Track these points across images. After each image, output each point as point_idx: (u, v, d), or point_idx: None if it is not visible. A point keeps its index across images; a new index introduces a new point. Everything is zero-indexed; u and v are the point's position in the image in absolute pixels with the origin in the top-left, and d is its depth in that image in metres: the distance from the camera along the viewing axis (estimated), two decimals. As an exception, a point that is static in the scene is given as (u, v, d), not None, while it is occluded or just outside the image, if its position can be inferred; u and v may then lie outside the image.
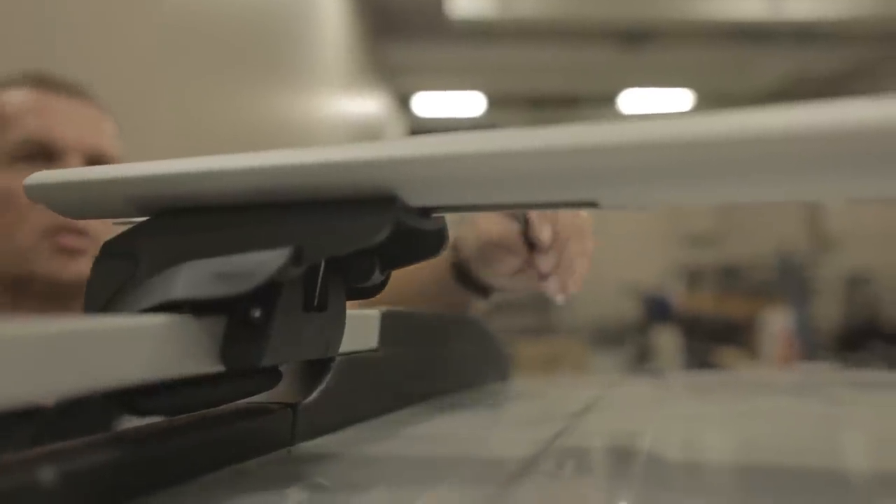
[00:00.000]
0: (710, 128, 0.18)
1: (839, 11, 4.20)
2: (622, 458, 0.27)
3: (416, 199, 0.22)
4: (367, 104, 4.40)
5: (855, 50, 4.47)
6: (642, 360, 3.85)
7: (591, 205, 0.21)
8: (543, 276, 0.45)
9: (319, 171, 0.21)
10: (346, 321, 0.28)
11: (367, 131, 4.15)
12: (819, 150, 0.17)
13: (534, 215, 0.44)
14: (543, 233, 0.44)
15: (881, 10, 4.07)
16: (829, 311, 4.85)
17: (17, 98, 0.64)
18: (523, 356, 3.14)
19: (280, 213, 0.22)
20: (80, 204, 0.26)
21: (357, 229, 0.21)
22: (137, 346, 0.19)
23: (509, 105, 5.40)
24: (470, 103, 5.33)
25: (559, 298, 0.47)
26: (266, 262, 0.21)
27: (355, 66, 3.96)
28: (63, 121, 0.64)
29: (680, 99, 5.20)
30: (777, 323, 3.44)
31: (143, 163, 0.24)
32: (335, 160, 0.21)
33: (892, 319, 4.84)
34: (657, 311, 4.27)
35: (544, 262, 0.45)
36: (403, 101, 5.50)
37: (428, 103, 5.45)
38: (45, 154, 0.61)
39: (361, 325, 0.33)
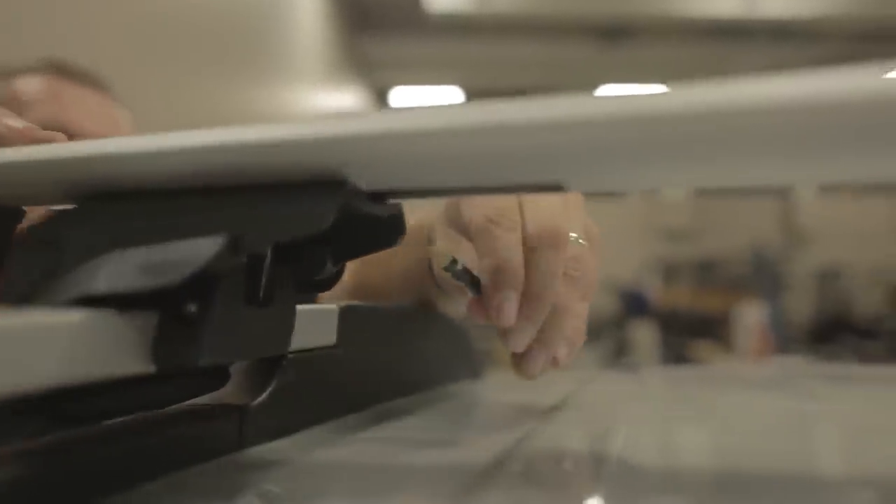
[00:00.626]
0: (685, 99, 0.16)
1: (814, 9, 4.26)
2: (592, 461, 0.26)
3: (366, 182, 0.20)
4: (344, 99, 4.37)
5: (829, 48, 4.53)
6: (619, 354, 3.87)
7: (557, 188, 0.20)
8: (515, 357, 0.31)
9: (258, 151, 0.19)
10: (303, 316, 0.26)
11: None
12: (806, 121, 0.16)
13: (490, 284, 0.29)
14: (503, 314, 0.28)
15: (855, 9, 4.13)
16: (801, 305, 4.94)
17: (32, 85, 0.63)
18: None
19: (216, 199, 0.20)
20: (2, 188, 0.24)
21: (300, 215, 0.19)
22: (48, 344, 0.17)
23: (487, 100, 5.40)
24: (447, 98, 5.32)
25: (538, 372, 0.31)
26: (198, 251, 0.19)
27: (332, 60, 3.92)
28: (76, 109, 0.62)
29: (656, 95, 5.23)
30: (751, 317, 3.48)
31: (68, 143, 0.22)
32: (275, 138, 0.19)
33: (861, 314, 4.93)
34: (634, 305, 4.30)
35: (513, 342, 0.30)
36: (381, 96, 5.47)
37: (405, 98, 5.42)
38: None
39: (319, 320, 0.31)
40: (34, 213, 0.28)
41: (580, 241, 0.31)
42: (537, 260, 0.29)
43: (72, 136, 0.63)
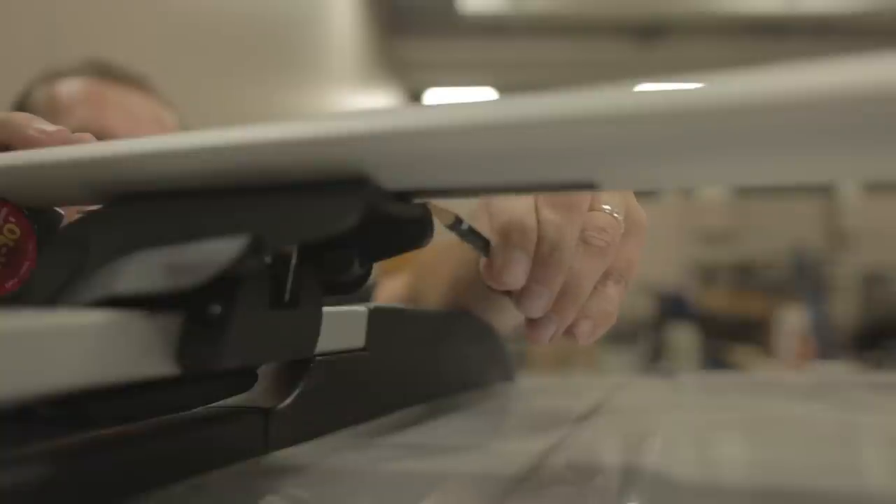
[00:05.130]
0: (724, 92, 0.15)
1: (855, 5, 4.14)
2: (627, 474, 0.25)
3: (392, 181, 0.20)
4: (379, 101, 4.39)
5: (871, 44, 4.39)
6: (656, 358, 3.81)
7: (589, 186, 0.19)
8: (528, 323, 0.29)
9: (280, 149, 0.19)
10: (332, 318, 0.26)
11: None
12: (856, 112, 0.15)
13: (498, 245, 0.27)
14: (508, 273, 0.27)
15: (899, 3, 4.00)
16: (845, 309, 4.79)
17: (72, 87, 0.63)
18: (536, 353, 3.12)
19: (240, 199, 0.20)
20: (29, 190, 0.24)
21: (322, 215, 0.19)
22: (72, 345, 0.17)
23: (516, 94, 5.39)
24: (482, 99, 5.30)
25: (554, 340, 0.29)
26: (219, 252, 0.18)
27: (367, 62, 3.95)
28: (117, 111, 0.62)
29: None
30: (793, 321, 3.39)
31: (93, 144, 0.22)
32: (296, 136, 0.19)
33: (910, 318, 4.76)
34: (672, 308, 4.22)
35: (525, 306, 0.28)
36: (415, 98, 5.48)
37: (440, 99, 5.42)
38: None
39: (347, 323, 0.31)
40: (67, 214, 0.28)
41: (615, 214, 0.29)
42: (546, 219, 0.28)
43: (110, 139, 0.63)
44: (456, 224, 0.25)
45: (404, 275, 0.59)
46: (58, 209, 0.26)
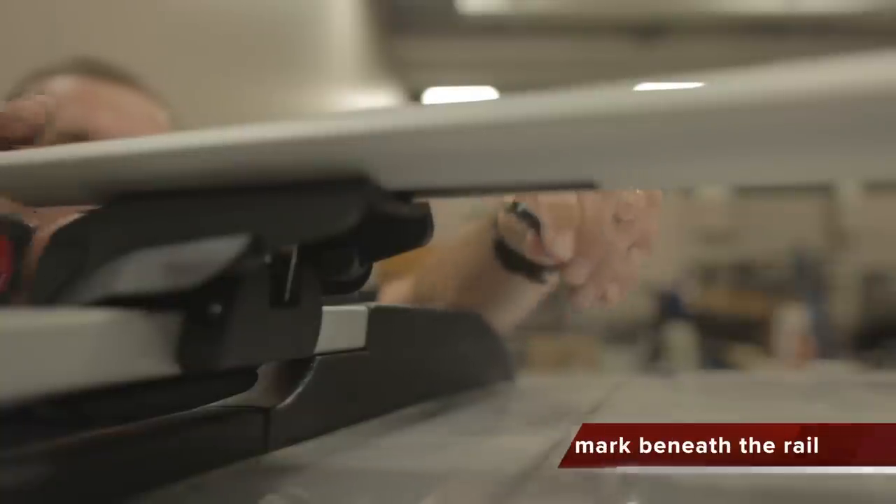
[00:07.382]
0: (723, 91, 0.15)
1: (855, 5, 4.14)
2: (626, 472, 0.25)
3: (392, 181, 0.19)
4: (379, 100, 4.39)
5: (871, 44, 4.38)
6: (656, 357, 3.80)
7: (589, 185, 0.19)
8: (573, 291, 0.36)
9: (280, 149, 0.19)
10: (332, 318, 0.26)
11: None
12: (854, 112, 0.15)
13: (549, 221, 0.34)
14: (558, 247, 0.34)
15: (899, 3, 4.00)
16: (845, 309, 4.79)
17: (62, 86, 0.62)
18: (536, 353, 3.12)
19: (239, 198, 0.20)
20: (29, 189, 0.24)
21: (322, 215, 0.19)
22: (72, 344, 0.17)
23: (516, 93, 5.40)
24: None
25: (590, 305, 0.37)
26: (219, 251, 0.18)
27: (367, 61, 3.95)
28: (107, 110, 0.61)
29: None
30: (793, 321, 3.39)
31: (92, 144, 0.22)
32: (296, 135, 0.19)
33: (909, 318, 4.76)
34: (671, 308, 4.22)
35: (570, 275, 0.36)
36: (415, 97, 5.48)
37: (440, 99, 5.41)
38: None
39: (347, 322, 0.31)
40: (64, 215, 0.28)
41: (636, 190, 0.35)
42: (587, 200, 0.34)
43: (100, 138, 0.62)
44: (514, 206, 0.33)
45: (409, 277, 0.59)
46: (27, 222, 0.26)
